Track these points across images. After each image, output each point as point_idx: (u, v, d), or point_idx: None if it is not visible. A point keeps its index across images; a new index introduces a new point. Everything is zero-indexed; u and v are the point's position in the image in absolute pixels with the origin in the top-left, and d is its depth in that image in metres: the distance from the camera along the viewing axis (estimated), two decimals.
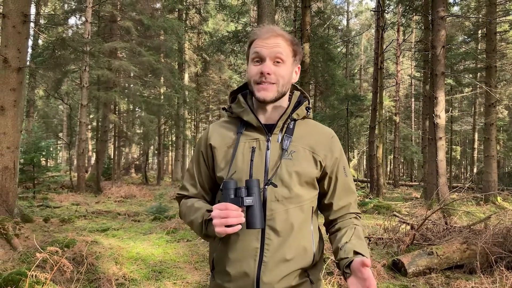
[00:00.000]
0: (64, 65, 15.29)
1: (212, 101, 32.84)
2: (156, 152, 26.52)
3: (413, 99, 32.46)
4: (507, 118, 27.82)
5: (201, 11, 23.90)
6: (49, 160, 23.36)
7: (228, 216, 1.23)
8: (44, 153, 13.57)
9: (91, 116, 22.79)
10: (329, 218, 1.53)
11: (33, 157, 12.27)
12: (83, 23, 16.01)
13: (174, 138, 25.56)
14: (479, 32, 19.79)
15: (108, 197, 13.29)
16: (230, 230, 1.23)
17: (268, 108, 1.46)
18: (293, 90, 1.54)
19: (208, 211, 1.36)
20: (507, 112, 28.65)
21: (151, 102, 18.11)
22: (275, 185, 1.35)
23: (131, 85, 18.22)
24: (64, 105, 26.68)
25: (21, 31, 6.54)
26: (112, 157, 21.29)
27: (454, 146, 31.51)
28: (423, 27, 16.17)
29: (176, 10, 22.14)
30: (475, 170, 26.04)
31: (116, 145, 20.68)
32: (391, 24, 22.34)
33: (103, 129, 17.45)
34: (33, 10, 19.99)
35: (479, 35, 20.20)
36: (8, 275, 3.80)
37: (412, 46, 25.65)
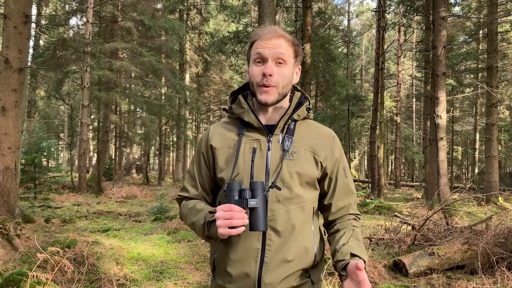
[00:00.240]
0: (65, 66, 15.33)
1: (213, 101, 32.84)
2: (157, 152, 26.55)
3: (414, 100, 32.43)
4: (509, 119, 27.77)
5: (202, 11, 23.91)
6: (50, 161, 23.39)
7: (232, 218, 1.22)
8: (45, 154, 13.59)
9: (92, 117, 22.82)
10: (328, 218, 1.53)
11: (35, 158, 12.29)
12: (84, 23, 16.02)
13: (175, 139, 25.58)
14: (480, 32, 19.79)
15: (109, 198, 13.29)
16: (233, 232, 1.22)
17: (269, 109, 1.46)
18: (294, 91, 1.53)
19: (210, 212, 1.36)
20: (508, 113, 28.60)
21: (152, 103, 18.11)
22: (279, 188, 1.35)
23: (132, 86, 18.24)
24: (65, 105, 26.69)
25: (22, 31, 6.55)
26: (113, 158, 21.31)
27: (455, 147, 31.48)
28: (424, 27, 16.16)
29: (177, 11, 22.16)
30: (476, 170, 26.01)
31: (117, 146, 20.69)
32: (392, 25, 22.36)
33: (104, 129, 17.46)
34: (34, 10, 20.03)
35: (480, 35, 20.21)
36: (9, 275, 3.81)
37: (413, 46, 25.65)
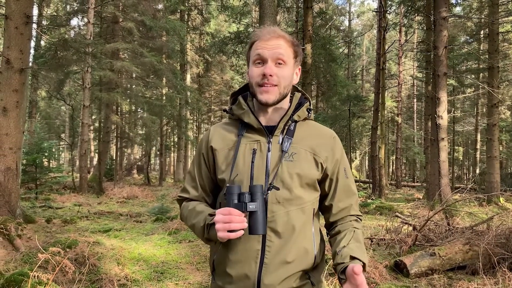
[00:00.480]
0: (66, 66, 15.34)
1: (214, 102, 32.85)
2: (158, 153, 26.55)
3: (415, 100, 32.41)
4: (510, 119, 27.72)
5: (203, 12, 23.94)
6: (51, 161, 23.37)
7: (231, 221, 1.22)
8: (46, 154, 13.61)
9: (93, 117, 22.83)
10: (329, 220, 1.52)
11: (36, 158, 12.30)
12: (85, 24, 16.05)
13: (176, 139, 25.60)
14: (482, 32, 19.77)
15: (110, 198, 13.30)
16: (232, 235, 1.22)
17: (269, 109, 1.45)
18: (294, 92, 1.53)
19: (210, 215, 1.35)
20: (510, 113, 28.55)
21: (153, 103, 18.12)
22: (277, 188, 1.34)
23: (133, 86, 18.25)
24: (66, 106, 26.69)
25: (24, 32, 6.56)
26: (114, 158, 21.33)
27: (457, 147, 31.42)
28: (425, 28, 16.15)
29: (178, 11, 22.19)
30: (477, 171, 25.99)
31: (118, 146, 20.71)
32: (393, 25, 22.32)
33: (105, 130, 17.47)
34: (35, 11, 20.07)
35: (481, 35, 20.18)
36: (10, 275, 3.81)
37: (414, 47, 25.65)
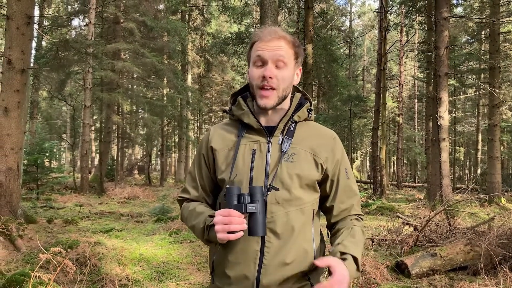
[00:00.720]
0: (67, 67, 15.37)
1: (215, 102, 32.86)
2: (159, 153, 26.57)
3: (416, 100, 32.39)
4: (511, 119, 27.69)
5: (204, 12, 23.96)
6: (52, 161, 23.39)
7: (230, 223, 1.21)
8: (47, 154, 13.62)
9: (94, 117, 22.86)
10: (331, 221, 1.52)
11: (37, 158, 12.31)
12: (86, 24, 16.06)
13: (177, 139, 25.60)
14: (483, 33, 19.74)
15: (111, 198, 13.31)
16: (232, 237, 1.21)
17: (269, 110, 1.45)
18: (295, 92, 1.52)
19: (210, 216, 1.35)
20: (511, 113, 28.52)
21: (154, 103, 18.14)
22: (277, 189, 1.34)
23: (134, 86, 18.26)
24: (67, 106, 26.76)
25: (25, 32, 6.57)
26: (115, 158, 21.34)
27: (458, 147, 31.37)
28: (426, 28, 16.13)
29: (179, 12, 22.21)
30: (478, 171, 25.97)
31: (119, 146, 20.73)
32: (394, 25, 22.29)
33: (106, 130, 17.48)
34: (36, 11, 20.08)
35: (482, 36, 20.16)
36: (11, 275, 3.82)
37: (415, 47, 25.65)
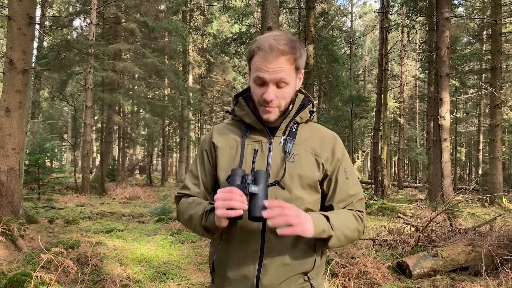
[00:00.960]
0: (68, 67, 15.39)
1: (216, 102, 32.89)
2: (160, 153, 26.55)
3: (417, 101, 32.35)
4: None
5: (205, 12, 23.98)
6: (54, 162, 23.42)
7: (231, 199, 1.18)
8: (49, 155, 13.63)
9: (95, 118, 22.86)
10: None
11: (38, 159, 12.32)
12: (87, 25, 16.11)
13: (178, 140, 25.60)
14: (484, 33, 19.73)
15: (113, 199, 13.33)
16: (231, 213, 1.18)
17: None
18: (297, 93, 1.49)
19: (210, 203, 1.33)
20: None
21: (155, 104, 18.15)
22: (282, 187, 1.33)
23: (136, 87, 18.28)
24: (68, 106, 26.80)
25: (27, 33, 6.57)
26: (116, 159, 21.36)
27: (459, 148, 31.36)
28: (427, 28, 16.11)
29: (181, 12, 22.23)
30: (480, 171, 25.92)
31: (120, 147, 20.76)
32: (395, 25, 22.26)
33: (108, 130, 17.51)
34: (38, 12, 20.10)
35: (484, 36, 20.14)
36: (13, 276, 3.82)
37: (417, 47, 25.60)
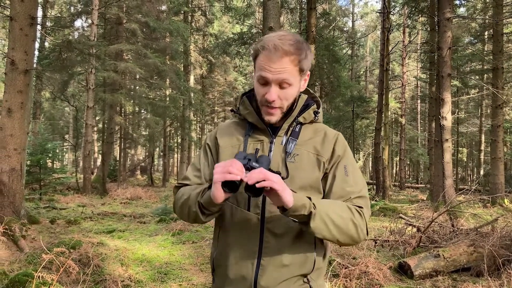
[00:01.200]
0: (70, 67, 15.41)
1: (217, 103, 32.90)
2: (161, 154, 26.59)
3: (419, 101, 32.33)
4: None
5: (207, 13, 23.99)
6: (55, 162, 23.48)
7: (231, 166, 1.17)
8: (50, 155, 13.65)
9: (97, 118, 22.89)
10: None
11: (40, 159, 12.34)
12: (89, 25, 16.12)
13: (179, 140, 25.61)
14: (486, 33, 19.70)
15: (114, 199, 13.34)
16: (229, 176, 1.16)
17: None
18: (301, 93, 1.47)
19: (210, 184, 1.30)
20: None
21: (156, 104, 18.17)
22: (283, 179, 1.27)
23: (137, 87, 18.30)
24: (70, 107, 26.83)
25: (28, 33, 6.58)
26: (117, 159, 21.38)
27: (461, 148, 31.31)
28: (429, 29, 16.10)
29: (182, 12, 22.23)
30: (481, 172, 25.87)
31: (121, 147, 20.77)
32: (397, 26, 22.25)
33: (109, 131, 17.52)
34: (40, 12, 20.14)
35: (485, 36, 20.11)
36: (15, 276, 3.83)
37: (418, 48, 25.60)
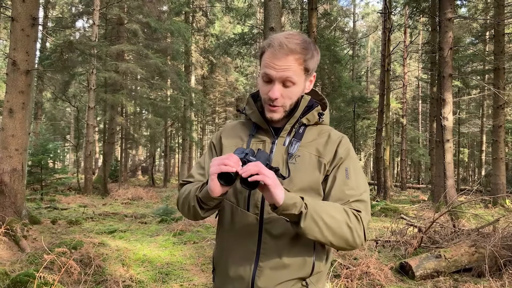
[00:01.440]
0: (71, 68, 15.39)
1: (218, 103, 32.90)
2: (162, 154, 26.61)
3: (420, 101, 32.30)
4: None
5: (208, 13, 23.99)
6: (56, 162, 23.49)
7: (228, 159, 1.17)
8: (51, 155, 13.67)
9: (98, 119, 22.89)
10: None
11: (41, 159, 12.36)
12: (90, 26, 16.15)
13: (180, 140, 25.63)
14: (487, 33, 19.66)
15: (115, 199, 13.34)
16: (224, 168, 1.16)
17: None
18: (304, 94, 1.44)
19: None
20: None
21: (157, 105, 18.18)
22: (282, 176, 1.28)
23: (138, 88, 18.33)
24: (71, 107, 26.84)
25: (30, 34, 6.59)
26: (119, 159, 21.40)
27: (462, 149, 31.26)
28: (430, 29, 16.11)
29: (183, 13, 22.24)
30: (483, 172, 25.82)
31: (123, 147, 20.79)
32: (398, 26, 22.28)
33: (110, 131, 17.54)
34: (41, 13, 20.18)
35: (487, 36, 20.06)
36: (16, 276, 3.83)
37: (419, 48, 25.52)
